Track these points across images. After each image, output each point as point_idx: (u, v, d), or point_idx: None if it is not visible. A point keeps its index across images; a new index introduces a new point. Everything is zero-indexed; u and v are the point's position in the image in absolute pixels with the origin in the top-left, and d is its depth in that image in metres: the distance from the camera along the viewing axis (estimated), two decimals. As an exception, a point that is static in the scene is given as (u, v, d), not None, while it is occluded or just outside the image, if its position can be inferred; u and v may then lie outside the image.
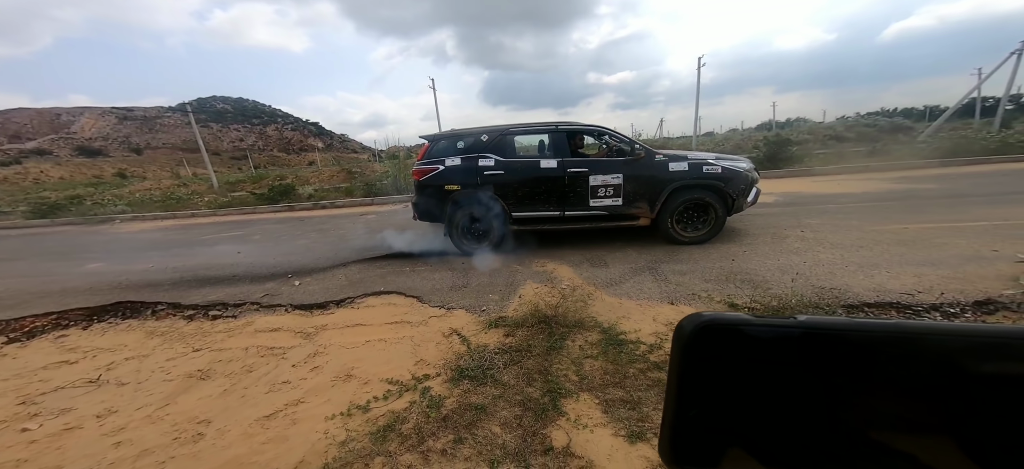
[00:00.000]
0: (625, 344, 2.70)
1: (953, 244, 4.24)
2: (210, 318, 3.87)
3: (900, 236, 4.67)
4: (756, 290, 3.46)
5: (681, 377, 0.34)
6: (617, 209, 4.69)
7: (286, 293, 4.29)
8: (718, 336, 0.33)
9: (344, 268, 4.97)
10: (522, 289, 3.89)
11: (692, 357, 0.34)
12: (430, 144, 4.94)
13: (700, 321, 0.33)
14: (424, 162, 4.89)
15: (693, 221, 4.75)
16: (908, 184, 8.62)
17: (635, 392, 2.22)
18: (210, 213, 12.02)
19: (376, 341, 3.12)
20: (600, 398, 2.20)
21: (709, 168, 4.55)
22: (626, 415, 2.05)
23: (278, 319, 3.69)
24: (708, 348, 0.33)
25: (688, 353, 0.34)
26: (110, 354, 3.25)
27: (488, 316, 3.40)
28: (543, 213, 4.78)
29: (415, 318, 3.48)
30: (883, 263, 3.83)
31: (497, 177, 4.71)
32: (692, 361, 0.34)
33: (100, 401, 2.56)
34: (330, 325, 3.47)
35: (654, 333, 2.82)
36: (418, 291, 4.05)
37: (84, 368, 3.03)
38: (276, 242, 6.87)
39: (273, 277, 4.84)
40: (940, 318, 2.81)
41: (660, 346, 2.64)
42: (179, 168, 33.23)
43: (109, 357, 3.19)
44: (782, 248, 4.48)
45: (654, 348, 2.63)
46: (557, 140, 4.74)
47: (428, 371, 2.67)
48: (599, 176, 4.59)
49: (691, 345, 0.33)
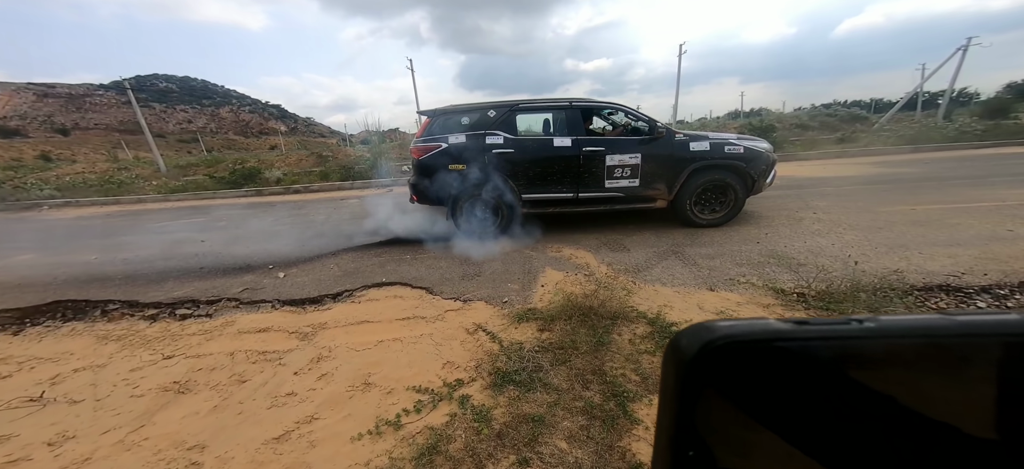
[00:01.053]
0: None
1: (967, 224, 4.30)
2: (178, 318, 3.34)
3: (912, 217, 4.71)
4: (798, 274, 3.32)
5: (678, 411, 0.26)
6: (634, 191, 4.48)
7: (270, 287, 3.78)
8: (734, 354, 0.24)
9: (334, 257, 4.48)
10: (543, 277, 3.60)
11: (694, 384, 0.25)
12: (431, 120, 4.50)
13: (709, 338, 0.24)
14: (425, 139, 4.45)
15: (710, 203, 4.60)
16: (888, 168, 8.94)
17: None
18: (161, 199, 10.91)
19: (390, 341, 2.74)
20: (675, 400, 1.95)
21: (731, 148, 4.40)
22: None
23: (265, 317, 3.21)
24: (719, 371, 0.25)
25: (689, 378, 0.25)
26: (52, 365, 2.70)
27: (513, 308, 3.09)
28: (556, 195, 4.50)
29: (429, 312, 3.11)
30: (911, 244, 3.80)
31: (507, 156, 4.37)
32: (694, 389, 0.25)
33: (50, 424, 2.06)
34: (330, 323, 3.04)
35: (708, 323, 2.60)
36: (426, 281, 3.66)
37: (20, 383, 2.48)
38: (246, 229, 6.19)
39: (250, 268, 4.30)
40: (991, 302, 2.75)
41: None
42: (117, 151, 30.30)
43: (52, 369, 2.64)
44: (802, 230, 4.41)
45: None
46: (571, 117, 4.45)
47: (460, 375, 2.33)
48: (616, 156, 4.35)
49: (694, 369, 0.25)
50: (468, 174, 4.39)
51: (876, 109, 30.89)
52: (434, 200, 4.48)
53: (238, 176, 11.82)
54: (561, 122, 4.51)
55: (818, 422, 0.25)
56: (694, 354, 0.25)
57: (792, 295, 2.94)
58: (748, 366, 0.25)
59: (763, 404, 0.25)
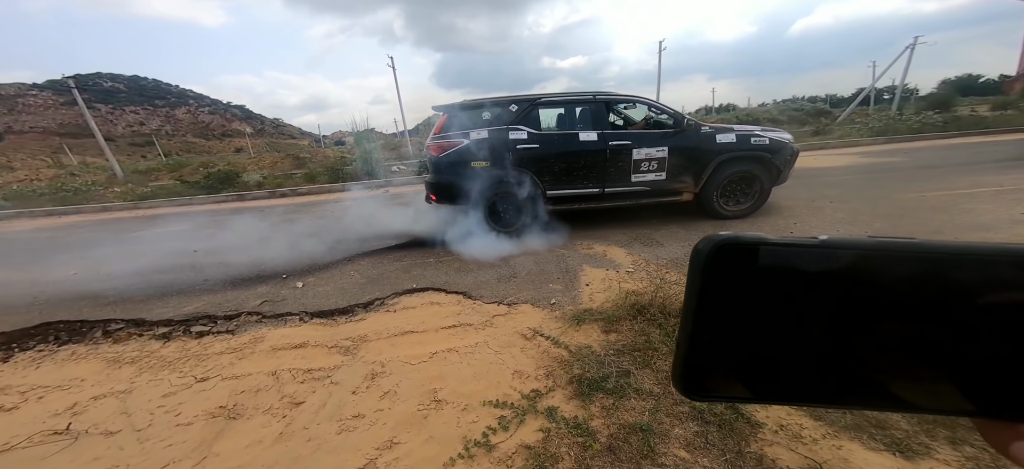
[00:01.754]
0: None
1: (981, 209, 4.52)
2: (195, 336, 3.10)
3: (926, 204, 4.92)
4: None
5: (698, 302, 0.32)
6: (660, 184, 4.48)
7: (291, 298, 3.56)
8: (736, 257, 0.31)
9: (351, 263, 4.27)
10: (583, 276, 3.53)
11: (709, 280, 0.32)
12: (449, 116, 4.35)
13: (718, 241, 0.31)
14: (443, 136, 4.30)
15: (735, 195, 4.66)
16: (874, 158, 9.36)
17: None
18: (129, 206, 10.22)
19: (445, 352, 2.61)
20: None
21: (757, 139, 4.46)
22: (853, 420, 1.78)
23: (297, 332, 3.01)
24: (726, 271, 0.31)
25: (705, 276, 0.32)
26: (64, 393, 2.43)
27: (563, 310, 3.01)
28: (581, 190, 4.45)
29: (474, 319, 2.99)
30: (943, 230, 3.94)
31: (531, 152, 4.29)
32: (709, 285, 0.32)
33: (93, 460, 1.84)
34: (371, 335, 2.88)
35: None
36: (460, 286, 3.53)
37: (34, 415, 2.22)
38: (240, 236, 5.84)
39: (261, 279, 4.04)
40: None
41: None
42: (59, 156, 28.19)
43: (65, 397, 2.38)
44: (829, 220, 4.52)
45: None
46: (596, 111, 4.41)
47: (535, 385, 2.23)
48: (643, 149, 4.34)
49: (709, 267, 0.31)
50: (492, 171, 4.28)
51: (832, 104, 32.47)
52: (455, 199, 4.33)
53: (213, 180, 11.21)
54: (585, 116, 4.46)
55: (784, 311, 0.31)
56: (708, 255, 0.31)
57: None
58: (746, 266, 0.31)
59: (754, 296, 0.31)
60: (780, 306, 0.32)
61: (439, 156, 4.28)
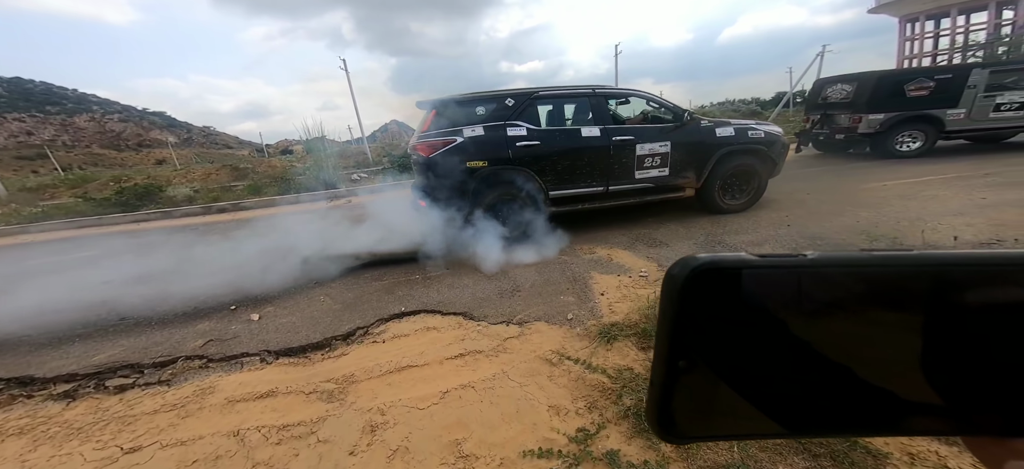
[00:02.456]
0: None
1: (943, 196, 4.82)
2: (113, 392, 2.43)
3: (893, 192, 5.18)
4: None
5: (672, 332, 0.31)
6: (663, 180, 4.36)
7: (245, 334, 2.93)
8: (715, 281, 0.30)
9: (320, 286, 3.67)
10: (595, 285, 3.23)
11: (684, 308, 0.30)
12: (438, 111, 3.90)
13: (694, 265, 0.30)
14: (433, 134, 3.85)
15: (733, 189, 4.64)
16: (807, 153, 9.81)
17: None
18: (15, 230, 8.55)
19: (458, 389, 2.18)
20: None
21: (753, 133, 4.47)
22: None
23: (259, 377, 2.43)
24: (704, 296, 0.30)
25: (680, 303, 0.30)
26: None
27: (584, 326, 2.68)
28: (586, 190, 4.21)
29: (483, 344, 2.58)
30: (924, 217, 4.09)
31: (532, 149, 3.96)
32: (684, 313, 0.30)
33: None
34: (358, 374, 2.38)
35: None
36: (457, 305, 3.10)
37: None
38: (168, 261, 4.92)
39: (200, 313, 3.33)
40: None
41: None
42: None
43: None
44: (817, 212, 4.59)
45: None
46: (597, 106, 4.21)
47: (580, 422, 1.88)
48: (647, 145, 4.18)
49: (684, 294, 0.30)
50: (489, 171, 3.92)
51: (759, 106, 35.45)
52: (448, 203, 3.89)
53: (129, 196, 9.73)
54: (586, 111, 4.26)
55: (774, 336, 0.30)
56: (683, 280, 0.30)
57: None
58: (726, 290, 0.30)
59: (737, 322, 0.30)
60: (766, 331, 0.30)
61: (430, 156, 3.83)
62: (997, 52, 20.29)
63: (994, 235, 3.50)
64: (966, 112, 7.18)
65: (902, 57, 28.04)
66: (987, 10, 24.47)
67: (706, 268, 0.30)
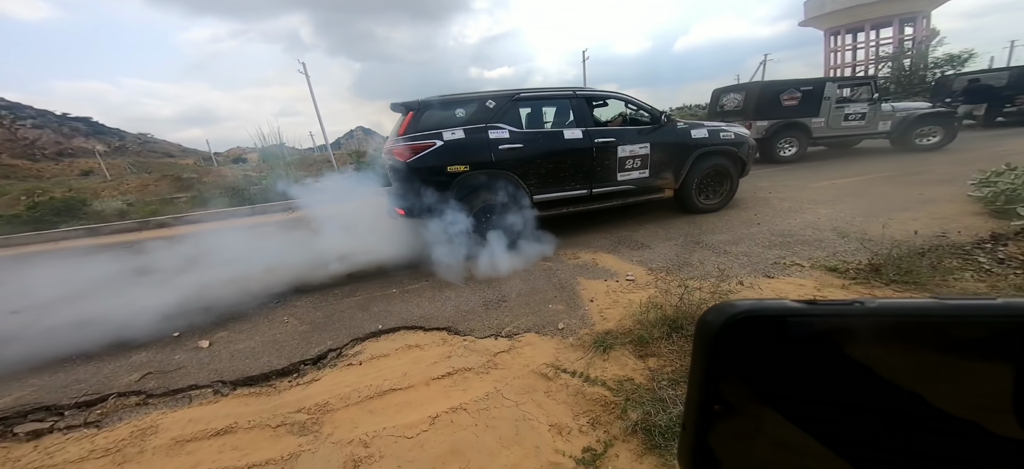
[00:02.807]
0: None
1: (888, 193, 5.17)
2: (25, 440, 2.05)
3: (847, 190, 5.50)
4: (819, 250, 3.46)
5: (705, 379, 0.31)
6: (644, 182, 4.38)
7: (193, 364, 2.58)
8: (755, 330, 0.29)
9: (282, 306, 3.33)
10: (583, 291, 3.13)
11: (720, 356, 0.30)
12: (415, 113, 3.68)
13: (731, 313, 0.30)
14: (411, 137, 3.62)
15: (707, 190, 4.75)
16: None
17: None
18: (-100, 254, 7.31)
19: (449, 413, 1.99)
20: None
21: (725, 134, 4.59)
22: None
23: (212, 410, 2.12)
24: (742, 343, 0.30)
25: (716, 352, 0.30)
26: None
27: (577, 335, 2.57)
28: (569, 193, 4.13)
29: (472, 361, 2.40)
30: (876, 213, 4.31)
31: (515, 152, 3.84)
32: (720, 361, 0.30)
33: None
34: (333, 402, 2.12)
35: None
36: (440, 319, 2.89)
37: None
38: (93, 284, 4.31)
39: (136, 344, 2.90)
40: (984, 258, 3.16)
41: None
42: None
43: None
44: (782, 209, 4.77)
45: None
46: (578, 107, 4.16)
47: (585, 441, 1.76)
48: (628, 147, 4.19)
49: (720, 342, 0.30)
50: (471, 176, 3.76)
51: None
52: (427, 211, 3.66)
53: (45, 211, 8.64)
54: (567, 113, 4.21)
55: (824, 392, 0.29)
56: (719, 327, 0.30)
57: (862, 269, 2.99)
58: (766, 338, 0.29)
59: (777, 372, 0.29)
60: (815, 381, 0.29)
61: (409, 160, 3.59)
62: (902, 62, 22.63)
63: (939, 229, 3.74)
64: (825, 121, 8.02)
65: (828, 66, 30.60)
66: (892, 26, 27.32)
67: (744, 317, 0.29)
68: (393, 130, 4.01)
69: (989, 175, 4.65)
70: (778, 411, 0.30)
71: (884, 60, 24.99)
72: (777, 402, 0.30)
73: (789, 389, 0.30)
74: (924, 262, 2.86)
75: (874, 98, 7.95)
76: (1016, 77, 11.26)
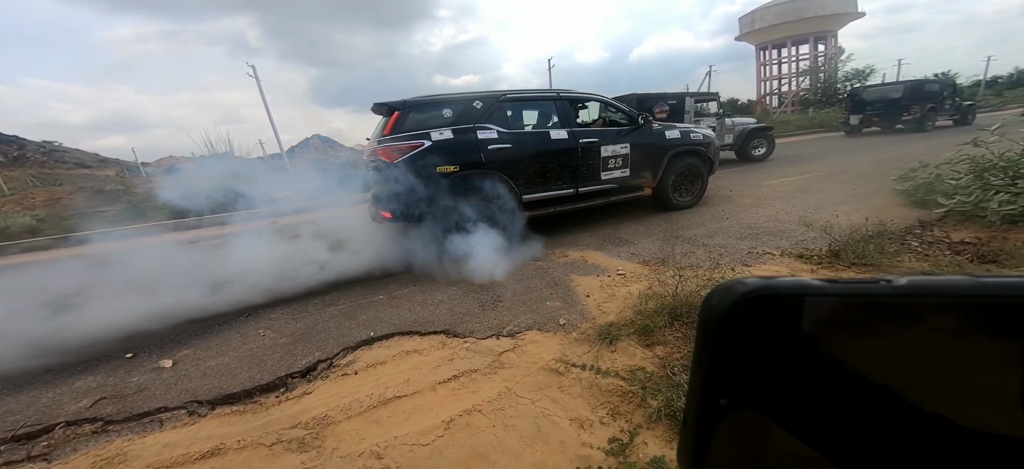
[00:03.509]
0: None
1: (828, 189, 5.69)
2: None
3: (792, 187, 6.00)
4: (783, 240, 3.72)
5: (709, 368, 0.28)
6: (626, 181, 4.52)
7: (156, 385, 2.28)
8: (766, 311, 0.26)
9: (254, 319, 3.04)
10: (577, 287, 3.13)
11: (727, 339, 0.27)
12: (401, 113, 3.54)
13: (741, 291, 0.26)
14: (398, 137, 3.49)
15: (681, 188, 4.98)
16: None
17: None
18: None
19: (463, 416, 1.90)
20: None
21: (694, 135, 4.86)
22: None
23: (192, 432, 1.89)
24: (752, 327, 0.27)
25: (722, 334, 0.27)
26: None
27: (579, 329, 2.56)
28: (557, 193, 4.18)
29: (476, 362, 2.32)
30: (824, 206, 4.72)
31: (504, 153, 3.82)
32: (727, 344, 0.27)
33: None
34: (333, 414, 1.96)
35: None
36: (436, 323, 2.77)
37: None
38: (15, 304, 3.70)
39: (82, 367, 2.53)
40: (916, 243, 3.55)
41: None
42: None
43: None
44: (744, 205, 5.10)
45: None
46: (562, 108, 4.26)
47: (609, 432, 1.75)
48: (610, 147, 4.32)
49: (726, 325, 0.27)
50: (461, 177, 3.68)
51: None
52: (416, 214, 3.52)
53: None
54: (552, 114, 4.28)
55: (847, 375, 0.25)
56: (726, 310, 0.27)
57: (825, 255, 3.23)
58: (779, 319, 0.26)
59: (793, 361, 0.26)
60: (837, 369, 0.25)
61: (396, 161, 3.45)
62: (818, 76, 25.35)
63: (876, 219, 4.15)
64: None
65: (760, 78, 33.56)
66: (808, 43, 30.59)
67: (755, 295, 0.26)
68: (375, 132, 3.89)
69: (907, 171, 5.28)
70: (794, 407, 0.27)
71: (804, 73, 27.84)
72: (793, 396, 0.27)
73: (807, 381, 0.27)
74: (871, 246, 3.15)
75: (719, 113, 8.95)
76: (910, 90, 12.99)
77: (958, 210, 4.00)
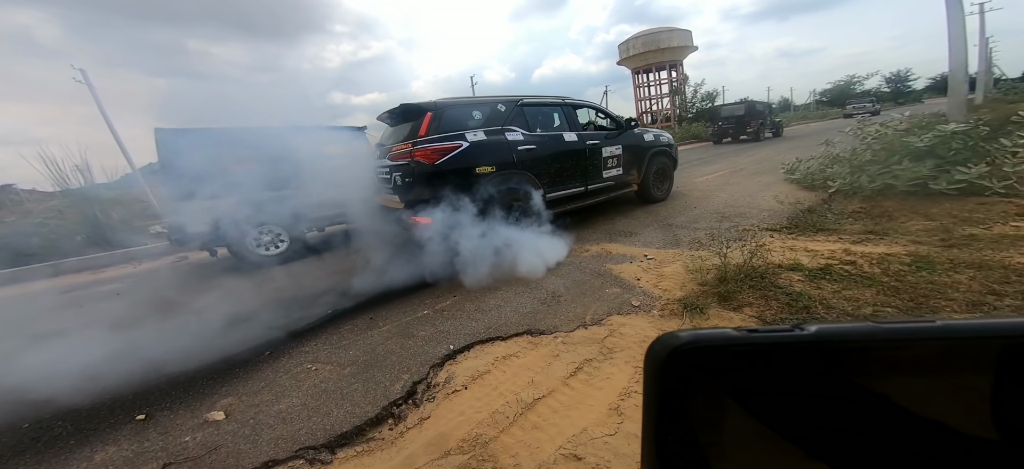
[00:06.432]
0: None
1: (745, 182, 6.72)
2: None
3: (718, 182, 7.00)
4: (750, 219, 4.32)
5: (657, 408, 0.31)
6: (620, 178, 4.86)
7: (226, 442, 1.77)
8: (699, 359, 0.30)
9: (291, 357, 2.49)
10: (624, 274, 3.20)
11: (668, 384, 0.30)
12: (434, 114, 3.33)
13: (674, 343, 0.30)
14: (435, 138, 3.26)
15: (657, 183, 5.48)
16: None
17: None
18: None
19: (622, 399, 1.85)
20: None
21: (662, 138, 5.44)
22: None
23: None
24: (688, 372, 0.30)
25: (663, 380, 0.30)
26: None
27: (659, 308, 2.64)
28: (572, 190, 4.35)
29: (585, 352, 2.27)
30: (751, 193, 5.63)
31: (531, 153, 3.88)
32: (669, 389, 0.30)
33: None
34: (483, 432, 1.76)
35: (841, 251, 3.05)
36: (510, 326, 2.61)
37: None
38: None
39: (82, 435, 1.82)
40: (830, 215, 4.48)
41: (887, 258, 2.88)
42: None
43: None
44: (694, 197, 5.83)
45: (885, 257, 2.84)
46: (568, 113, 4.49)
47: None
48: (608, 148, 4.64)
49: (666, 371, 0.30)
50: (498, 177, 3.63)
51: None
52: (456, 215, 3.29)
53: None
54: (561, 117, 4.44)
55: (773, 418, 0.29)
56: (664, 359, 0.29)
57: (787, 226, 3.88)
58: (712, 364, 0.29)
59: (725, 396, 0.29)
60: (759, 408, 0.28)
61: (436, 163, 3.24)
62: (683, 96, 30.13)
63: (793, 198, 5.11)
64: None
65: (636, 98, 38.32)
66: (665, 69, 36.20)
67: (688, 347, 0.28)
68: (390, 135, 3.68)
69: (791, 166, 6.67)
70: (731, 440, 0.29)
71: (674, 93, 32.67)
72: (729, 431, 0.29)
73: (739, 417, 0.29)
74: (811, 218, 3.96)
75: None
76: (748, 109, 16.30)
77: (841, 189, 5.15)
